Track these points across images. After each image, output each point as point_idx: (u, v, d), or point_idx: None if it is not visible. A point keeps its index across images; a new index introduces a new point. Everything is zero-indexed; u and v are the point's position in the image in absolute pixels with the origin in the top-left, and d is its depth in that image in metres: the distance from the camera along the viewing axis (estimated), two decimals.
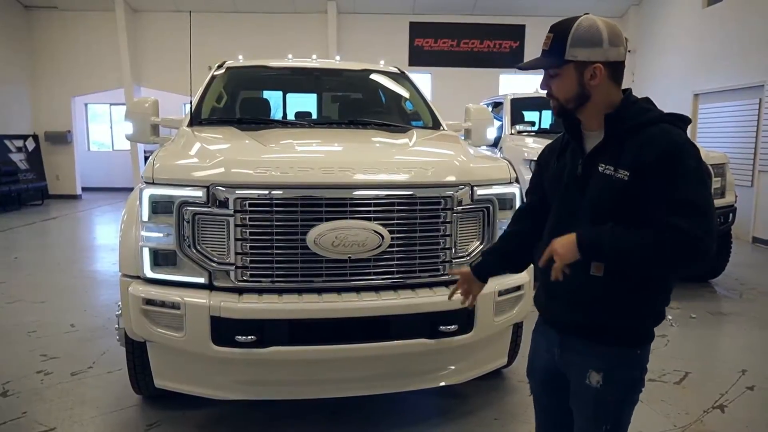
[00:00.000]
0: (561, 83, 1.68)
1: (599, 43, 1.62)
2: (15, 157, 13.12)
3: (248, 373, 2.77)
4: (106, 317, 4.86)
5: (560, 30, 1.65)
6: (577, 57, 1.62)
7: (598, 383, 1.66)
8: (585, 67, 1.62)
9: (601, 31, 1.62)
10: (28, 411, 3.22)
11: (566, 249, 1.57)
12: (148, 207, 2.66)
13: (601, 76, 1.63)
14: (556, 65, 1.66)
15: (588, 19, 1.65)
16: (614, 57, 1.64)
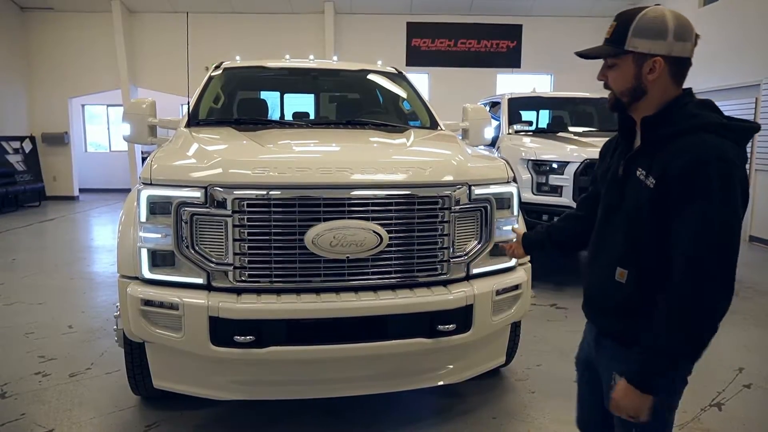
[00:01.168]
0: (618, 74, 1.60)
1: (663, 35, 1.52)
2: (12, 158, 13.09)
3: (246, 373, 2.77)
4: (104, 318, 4.86)
5: (624, 18, 1.57)
6: (637, 48, 1.54)
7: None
8: (644, 60, 1.54)
9: (667, 22, 1.52)
10: (26, 412, 3.22)
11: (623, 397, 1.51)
12: (146, 208, 2.66)
13: (660, 70, 1.54)
14: (614, 54, 1.58)
15: (655, 10, 1.55)
16: (678, 52, 1.53)
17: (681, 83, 1.59)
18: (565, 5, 13.23)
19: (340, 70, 5.00)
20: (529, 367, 3.87)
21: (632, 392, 1.50)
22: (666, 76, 1.55)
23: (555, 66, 13.69)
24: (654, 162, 1.53)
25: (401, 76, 4.88)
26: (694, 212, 1.43)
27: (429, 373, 2.98)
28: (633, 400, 1.50)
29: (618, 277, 1.60)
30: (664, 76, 1.55)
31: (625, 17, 1.57)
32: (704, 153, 1.44)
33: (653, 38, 1.52)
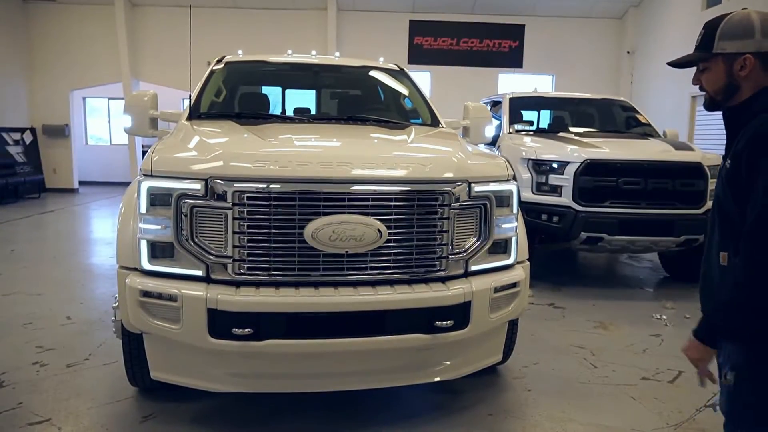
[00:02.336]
0: (710, 76, 1.70)
1: (750, 34, 1.61)
2: (12, 149, 13.10)
3: (244, 366, 2.78)
4: (102, 310, 4.87)
5: (711, 25, 1.68)
6: (726, 49, 1.64)
7: (731, 381, 1.59)
8: (735, 59, 1.63)
9: (753, 22, 1.61)
10: (23, 402, 3.22)
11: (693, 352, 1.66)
12: (147, 199, 2.67)
13: (752, 66, 1.62)
14: (704, 59, 1.69)
15: (741, 13, 1.65)
16: (763, 42, 1.61)
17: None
18: (568, 6, 13.23)
19: (341, 66, 5.00)
20: (526, 365, 3.88)
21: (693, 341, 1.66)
22: (759, 70, 1.63)
23: (557, 66, 13.70)
24: (732, 145, 1.61)
25: (403, 73, 4.88)
26: (760, 184, 1.48)
27: (426, 369, 2.99)
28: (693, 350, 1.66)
29: (722, 261, 1.64)
30: (757, 71, 1.62)
31: (711, 24, 1.69)
32: (764, 128, 1.51)
33: (741, 38, 1.62)
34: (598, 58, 13.72)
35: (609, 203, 5.52)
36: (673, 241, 5.56)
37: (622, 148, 5.95)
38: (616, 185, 5.51)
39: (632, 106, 7.70)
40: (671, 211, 5.53)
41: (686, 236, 5.52)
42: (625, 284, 6.39)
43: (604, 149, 5.75)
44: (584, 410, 3.26)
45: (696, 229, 5.52)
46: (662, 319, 5.04)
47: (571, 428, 3.09)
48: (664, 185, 5.53)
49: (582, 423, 3.14)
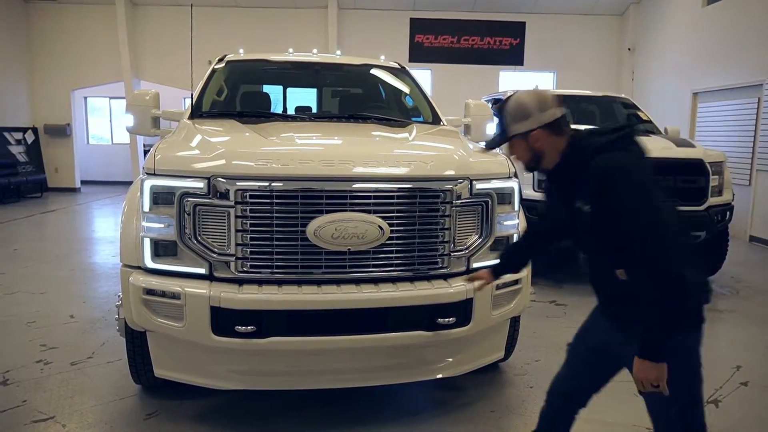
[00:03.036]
0: (516, 151, 2.01)
1: (528, 114, 1.91)
2: (14, 149, 13.11)
3: (247, 363, 2.80)
4: (105, 309, 4.88)
5: (500, 113, 2.00)
6: (518, 130, 1.94)
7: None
8: (527, 136, 1.92)
9: (527, 104, 1.92)
10: (28, 399, 3.24)
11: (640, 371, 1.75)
12: (150, 198, 2.68)
13: (543, 137, 1.91)
14: (506, 140, 2.00)
15: (514, 99, 1.96)
16: (547, 119, 1.91)
17: (564, 132, 1.94)
18: (569, 3, 13.21)
19: (343, 64, 5.01)
20: (528, 363, 3.89)
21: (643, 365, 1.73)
22: (549, 137, 1.92)
23: (558, 64, 13.68)
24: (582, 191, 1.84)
25: (404, 71, 4.89)
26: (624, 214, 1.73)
27: (428, 366, 3.01)
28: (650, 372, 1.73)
29: (621, 277, 1.85)
30: (548, 138, 1.92)
31: (501, 110, 1.99)
32: (603, 170, 1.78)
33: (523, 120, 1.92)
34: (599, 55, 13.70)
35: None
36: None
37: None
38: None
39: (633, 103, 7.70)
40: None
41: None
42: None
43: None
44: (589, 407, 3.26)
45: (698, 226, 5.53)
46: None
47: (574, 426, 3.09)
48: (665, 182, 5.52)
49: (584, 419, 3.12)
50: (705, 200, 5.59)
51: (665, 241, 1.70)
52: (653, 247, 1.69)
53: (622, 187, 1.74)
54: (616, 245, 1.79)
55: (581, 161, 1.84)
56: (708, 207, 5.61)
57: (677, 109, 10.91)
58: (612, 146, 1.84)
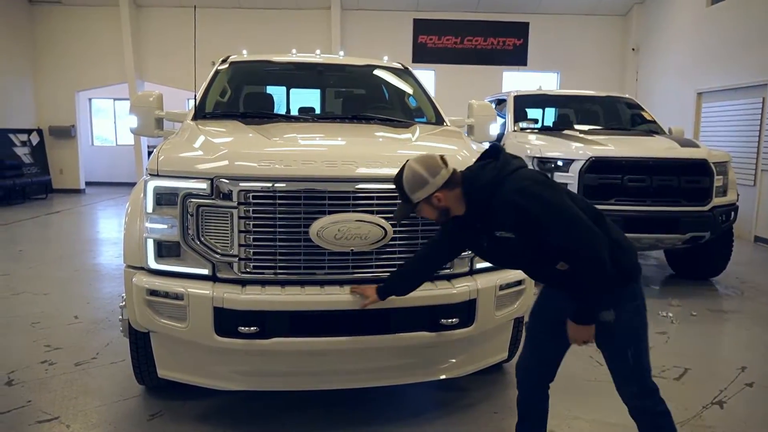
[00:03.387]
0: (426, 213, 2.21)
1: (425, 182, 2.12)
2: (19, 150, 13.17)
3: (250, 364, 2.80)
4: (109, 310, 4.90)
5: (399, 185, 2.20)
6: (420, 197, 2.15)
7: (612, 318, 2.09)
8: (430, 199, 2.14)
9: (420, 173, 2.13)
10: (32, 399, 3.25)
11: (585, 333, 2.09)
12: (153, 199, 2.69)
13: (443, 196, 2.14)
14: (413, 208, 2.21)
15: (407, 171, 2.16)
16: (441, 180, 2.13)
17: (459, 182, 2.15)
18: (572, 3, 13.19)
19: (346, 65, 5.01)
20: None
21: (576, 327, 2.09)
22: (448, 193, 2.14)
23: (561, 64, 13.66)
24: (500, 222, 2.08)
25: (407, 72, 4.89)
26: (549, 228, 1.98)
27: (431, 366, 3.00)
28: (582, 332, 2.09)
29: (561, 267, 2.11)
30: (447, 195, 2.14)
31: (398, 184, 2.20)
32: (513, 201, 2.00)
33: (422, 187, 2.13)
34: (602, 55, 13.68)
35: (614, 201, 5.51)
36: (679, 238, 5.54)
37: (628, 145, 5.93)
38: (621, 183, 5.49)
39: (637, 104, 7.68)
40: (677, 209, 5.51)
41: (692, 233, 5.50)
42: None
43: (609, 147, 5.73)
44: (589, 407, 3.26)
45: (702, 227, 5.51)
46: (668, 316, 5.03)
47: (576, 425, 3.09)
48: (669, 182, 5.51)
49: (587, 420, 3.14)
50: (709, 200, 5.57)
51: (581, 234, 1.96)
52: (575, 242, 1.96)
53: (531, 207, 1.98)
54: (551, 251, 2.05)
55: (485, 200, 2.07)
56: (712, 207, 5.59)
57: (681, 110, 10.88)
58: (501, 177, 2.06)
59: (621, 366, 2.20)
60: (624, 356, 2.15)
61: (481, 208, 2.11)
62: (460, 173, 2.17)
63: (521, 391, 2.46)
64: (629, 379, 2.20)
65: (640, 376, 2.18)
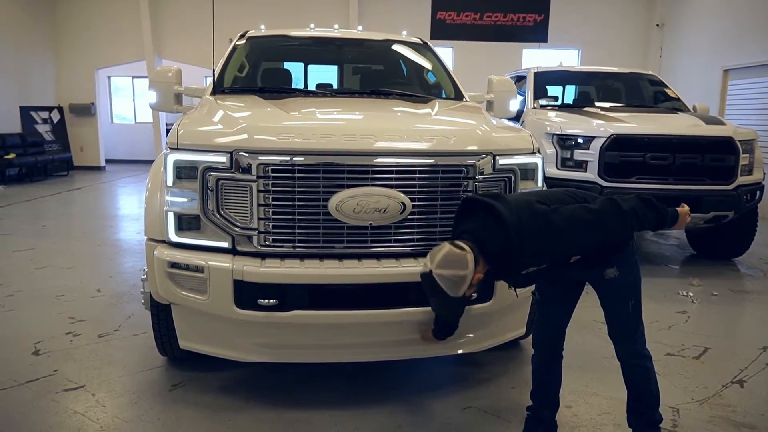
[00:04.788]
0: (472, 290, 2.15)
1: (462, 277, 2.05)
2: (41, 128, 13.35)
3: (269, 336, 2.83)
4: (130, 284, 4.98)
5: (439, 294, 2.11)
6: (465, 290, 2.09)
7: (615, 274, 2.28)
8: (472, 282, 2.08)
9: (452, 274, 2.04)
10: (58, 369, 3.34)
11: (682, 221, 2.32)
12: (173, 172, 2.70)
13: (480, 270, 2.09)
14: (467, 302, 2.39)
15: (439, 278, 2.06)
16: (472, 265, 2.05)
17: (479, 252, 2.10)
18: None
19: (364, 39, 4.96)
20: None
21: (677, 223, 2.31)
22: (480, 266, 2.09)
23: (583, 40, 13.38)
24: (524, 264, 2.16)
25: (426, 47, 4.82)
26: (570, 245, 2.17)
27: (449, 341, 3.00)
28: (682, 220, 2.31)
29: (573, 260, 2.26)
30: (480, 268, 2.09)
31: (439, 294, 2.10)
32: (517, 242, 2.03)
33: (463, 282, 2.06)
34: (625, 31, 13.36)
35: (635, 179, 5.42)
36: (701, 217, 5.44)
37: (650, 122, 5.81)
38: (643, 160, 5.40)
39: (661, 80, 7.51)
40: (700, 187, 5.42)
41: (715, 213, 5.41)
42: (650, 261, 6.30)
43: (631, 124, 5.63)
44: (607, 384, 3.25)
45: (725, 206, 5.41)
46: (688, 296, 4.97)
47: (594, 401, 3.09)
48: (693, 160, 5.40)
49: (605, 397, 3.13)
50: (734, 179, 5.46)
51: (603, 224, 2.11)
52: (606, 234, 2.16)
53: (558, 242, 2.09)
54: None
55: (509, 254, 2.06)
56: (737, 186, 5.48)
57: (706, 87, 10.62)
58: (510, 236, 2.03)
59: (622, 317, 2.37)
60: (626, 307, 2.34)
61: (504, 265, 2.14)
62: (472, 243, 2.11)
63: (538, 360, 2.61)
64: (628, 327, 2.39)
65: (637, 322, 2.39)
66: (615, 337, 2.43)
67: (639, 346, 2.41)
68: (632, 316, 2.37)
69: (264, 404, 2.99)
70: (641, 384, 2.44)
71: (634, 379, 2.45)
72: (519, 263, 2.14)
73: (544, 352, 2.59)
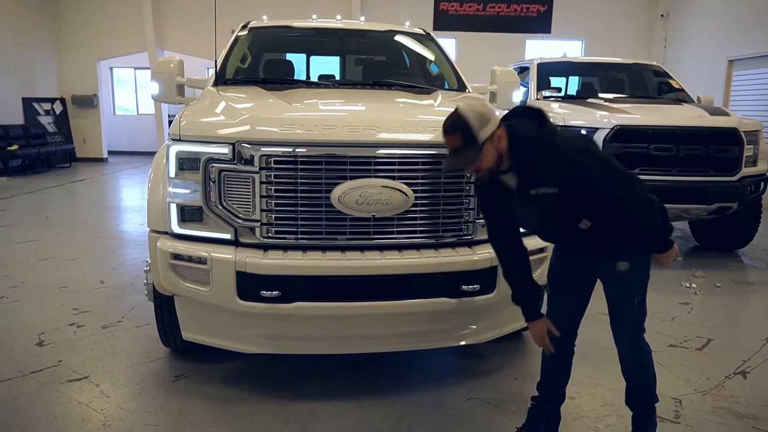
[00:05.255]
0: (485, 159, 2.09)
1: (489, 117, 2.06)
2: (43, 119, 13.35)
3: (272, 328, 2.83)
4: (133, 275, 4.99)
5: (462, 126, 2.07)
6: (488, 133, 2.06)
7: (627, 268, 2.24)
8: (492, 138, 2.07)
9: (482, 110, 2.06)
10: (63, 359, 3.35)
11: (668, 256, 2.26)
12: (175, 163, 2.70)
13: (502, 134, 2.08)
14: (479, 152, 2.07)
15: (468, 109, 2.06)
16: (496, 119, 2.08)
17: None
18: None
19: (367, 30, 4.93)
20: None
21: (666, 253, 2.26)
22: (504, 133, 2.09)
23: (587, 31, 13.29)
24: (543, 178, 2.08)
25: (429, 38, 4.79)
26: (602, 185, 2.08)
27: (452, 332, 3.01)
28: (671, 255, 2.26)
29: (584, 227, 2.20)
30: (503, 134, 2.09)
31: (459, 125, 2.07)
32: (571, 160, 2.06)
33: (488, 122, 2.06)
34: (629, 22, 13.26)
35: (639, 170, 5.39)
36: (705, 208, 5.43)
37: (654, 113, 5.78)
38: (647, 152, 5.38)
39: (665, 71, 7.46)
40: (704, 179, 5.39)
41: (719, 204, 5.39)
42: None
43: (634, 115, 5.59)
44: (610, 375, 3.25)
45: (729, 197, 5.39)
46: (692, 287, 4.97)
47: (597, 393, 3.10)
48: (697, 151, 5.38)
49: (608, 388, 3.14)
50: (738, 170, 5.43)
51: (631, 186, 2.12)
52: (627, 194, 2.10)
53: (591, 166, 2.07)
54: (582, 210, 2.15)
55: (535, 154, 2.08)
56: (741, 177, 5.45)
57: (711, 78, 10.56)
58: (553, 135, 2.10)
59: (626, 312, 2.35)
60: (631, 303, 2.31)
61: (527, 161, 2.10)
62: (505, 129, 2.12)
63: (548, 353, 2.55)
64: (631, 323, 2.37)
65: (640, 319, 2.37)
66: (616, 331, 2.42)
67: (639, 343, 2.40)
68: (637, 313, 2.35)
69: (267, 395, 3.00)
70: (638, 378, 2.46)
71: (632, 373, 2.46)
72: (537, 173, 2.08)
73: (555, 347, 2.50)
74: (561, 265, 2.49)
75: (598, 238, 2.23)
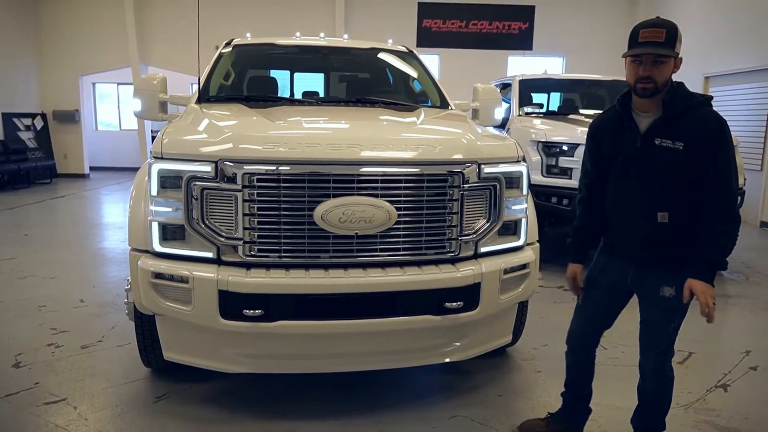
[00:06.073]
0: (664, 70, 2.17)
1: (680, 41, 2.17)
2: (24, 135, 13.18)
3: (255, 347, 2.81)
4: (114, 293, 4.93)
5: (670, 27, 2.16)
6: (678, 51, 2.17)
7: (671, 294, 2.27)
8: (676, 59, 2.18)
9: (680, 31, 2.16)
10: (40, 381, 3.28)
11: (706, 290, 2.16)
12: (157, 182, 2.68)
13: (679, 68, 2.20)
14: (669, 55, 2.15)
15: (675, 25, 2.16)
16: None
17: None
18: None
19: (350, 48, 4.97)
20: (536, 347, 3.89)
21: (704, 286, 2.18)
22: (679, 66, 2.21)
23: (567, 48, 13.52)
24: (677, 131, 2.17)
25: (412, 55, 4.84)
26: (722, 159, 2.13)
27: (436, 350, 3.00)
28: (710, 290, 2.18)
29: (660, 219, 2.22)
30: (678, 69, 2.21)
31: (669, 26, 2.16)
32: (719, 122, 2.15)
33: (679, 43, 2.18)
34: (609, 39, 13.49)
35: None
36: None
37: None
38: None
39: None
40: None
41: None
42: None
43: None
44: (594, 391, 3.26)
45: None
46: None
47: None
48: None
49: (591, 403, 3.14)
50: None
51: (735, 186, 2.16)
52: (732, 193, 2.15)
53: (728, 141, 2.15)
54: (672, 187, 2.18)
55: (690, 104, 2.17)
56: None
57: None
58: (709, 103, 2.21)
59: (659, 335, 2.37)
60: (666, 328, 2.34)
61: (675, 107, 2.18)
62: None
63: (574, 357, 2.66)
64: (661, 345, 2.38)
65: (671, 344, 2.40)
66: (644, 348, 2.43)
67: (665, 365, 2.42)
68: (670, 337, 2.36)
69: (249, 416, 2.96)
70: (653, 400, 2.47)
71: (649, 393, 2.48)
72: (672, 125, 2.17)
73: (579, 353, 2.65)
74: (601, 272, 2.51)
75: (663, 241, 2.25)
